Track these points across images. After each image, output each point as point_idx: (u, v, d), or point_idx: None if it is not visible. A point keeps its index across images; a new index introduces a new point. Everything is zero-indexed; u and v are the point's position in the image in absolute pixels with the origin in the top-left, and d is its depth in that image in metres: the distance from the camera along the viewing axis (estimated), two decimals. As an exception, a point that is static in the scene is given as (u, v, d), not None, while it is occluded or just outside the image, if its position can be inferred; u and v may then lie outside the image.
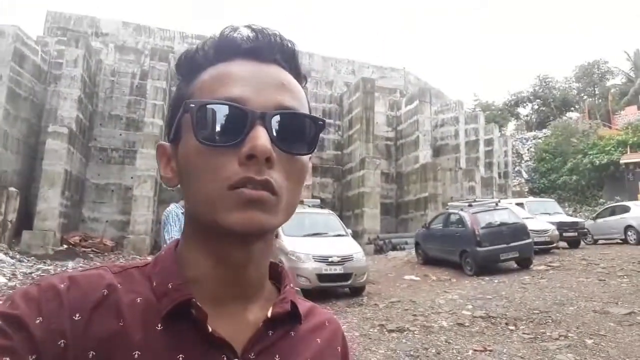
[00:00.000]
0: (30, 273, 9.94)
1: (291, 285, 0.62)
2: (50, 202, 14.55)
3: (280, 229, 4.78)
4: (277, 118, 0.52)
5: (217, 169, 0.50)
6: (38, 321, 0.46)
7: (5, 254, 11.31)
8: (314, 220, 9.13)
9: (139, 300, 0.52)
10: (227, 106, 0.51)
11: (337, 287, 8.56)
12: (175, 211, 4.92)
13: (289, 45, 0.59)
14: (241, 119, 0.51)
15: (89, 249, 14.75)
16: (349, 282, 8.37)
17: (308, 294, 7.29)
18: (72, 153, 15.62)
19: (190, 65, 0.58)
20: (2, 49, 15.29)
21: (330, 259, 8.17)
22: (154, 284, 0.54)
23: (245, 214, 0.49)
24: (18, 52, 15.68)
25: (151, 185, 15.96)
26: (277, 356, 0.55)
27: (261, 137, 0.49)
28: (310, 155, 0.59)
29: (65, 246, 14.69)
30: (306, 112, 0.57)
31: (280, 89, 0.55)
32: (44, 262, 11.60)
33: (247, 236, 0.51)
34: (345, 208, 19.33)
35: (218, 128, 0.51)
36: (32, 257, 12.13)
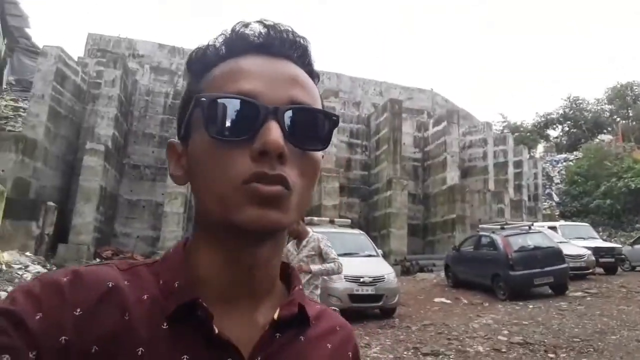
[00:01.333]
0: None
1: (300, 287, 0.61)
2: (85, 217, 15.01)
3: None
4: (290, 113, 0.51)
5: (228, 164, 0.49)
6: (38, 317, 0.45)
7: (43, 266, 11.65)
8: (344, 240, 9.08)
9: (145, 298, 0.51)
10: (239, 100, 0.50)
11: (368, 307, 8.48)
12: None
13: (302, 41, 0.58)
14: (253, 114, 0.50)
15: (120, 264, 15.06)
16: (381, 303, 8.29)
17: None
18: (107, 170, 16.12)
19: (201, 61, 0.57)
20: (44, 69, 16.04)
21: (361, 279, 8.13)
22: (161, 282, 0.53)
23: (258, 211, 0.48)
24: (60, 72, 16.42)
25: (181, 202, 16.28)
26: None
27: (274, 132, 0.48)
28: (323, 152, 0.58)
29: (97, 260, 15.05)
30: (319, 108, 0.56)
31: (293, 84, 0.54)
32: (79, 276, 11.89)
33: (259, 234, 0.50)
34: (372, 228, 19.19)
35: (230, 123, 0.50)
36: (67, 270, 12.45)
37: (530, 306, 9.21)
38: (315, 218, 9.81)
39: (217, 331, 0.49)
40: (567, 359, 5.96)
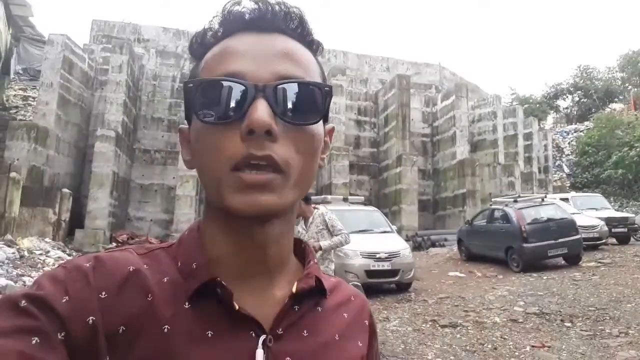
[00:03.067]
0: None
1: (315, 260, 0.62)
2: (100, 203, 15.23)
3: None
4: (279, 89, 0.50)
5: (220, 148, 0.50)
6: (64, 300, 0.46)
7: (63, 251, 11.91)
8: (359, 217, 9.19)
9: (165, 280, 0.52)
10: (225, 82, 0.50)
11: (384, 283, 8.63)
12: None
13: (295, 11, 0.56)
14: (241, 94, 0.50)
15: (136, 247, 15.35)
16: (397, 278, 8.42)
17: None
18: (118, 155, 16.26)
19: (200, 45, 0.57)
20: (52, 57, 16.06)
21: (377, 255, 8.24)
22: (179, 264, 0.54)
23: (247, 197, 0.49)
24: (67, 60, 16.43)
25: (193, 184, 16.42)
26: (304, 331, 0.55)
27: (259, 110, 0.48)
28: (327, 128, 0.58)
29: (114, 244, 15.34)
30: (315, 79, 0.55)
31: (283, 58, 0.53)
32: (98, 260, 12.16)
33: (253, 218, 0.51)
34: (382, 205, 19.26)
35: (218, 106, 0.50)
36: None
37: (545, 277, 9.30)
38: (329, 196, 9.90)
39: (237, 307, 0.51)
40: (584, 328, 6.06)
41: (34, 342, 0.42)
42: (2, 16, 19.10)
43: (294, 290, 0.56)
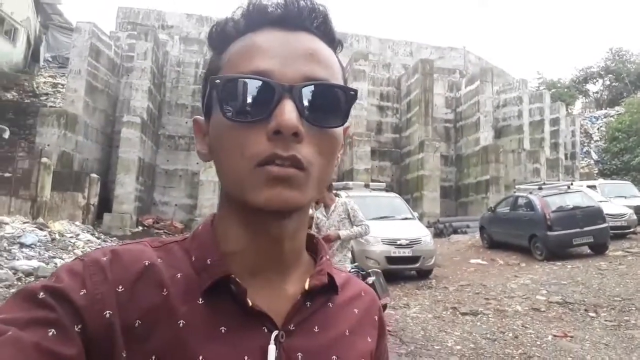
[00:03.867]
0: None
1: (327, 257, 0.62)
2: (127, 187, 15.65)
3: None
4: (305, 90, 0.50)
5: (244, 145, 0.50)
6: (82, 293, 0.47)
7: (92, 234, 12.32)
8: (380, 203, 9.22)
9: (179, 276, 0.53)
10: (253, 80, 0.50)
11: (405, 269, 8.67)
12: None
13: (320, 9, 0.56)
14: (268, 93, 0.49)
15: (162, 231, 15.78)
16: (418, 264, 8.44)
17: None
18: (144, 141, 16.62)
19: (221, 37, 0.56)
20: (79, 45, 16.43)
21: (398, 242, 8.27)
22: (193, 258, 0.55)
23: (272, 191, 0.49)
24: (94, 47, 16.77)
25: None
26: (316, 327, 0.56)
27: (288, 112, 0.48)
28: (344, 127, 0.57)
29: (140, 228, 15.79)
30: (338, 81, 0.55)
31: (310, 59, 0.52)
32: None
33: (276, 213, 0.51)
34: (404, 191, 19.20)
35: (244, 104, 0.50)
36: (114, 238, 13.15)
37: (569, 266, 9.17)
38: (351, 182, 9.95)
39: (250, 304, 0.52)
40: (608, 318, 5.99)
41: (50, 333, 0.43)
42: (31, 4, 19.55)
43: (306, 286, 0.56)
